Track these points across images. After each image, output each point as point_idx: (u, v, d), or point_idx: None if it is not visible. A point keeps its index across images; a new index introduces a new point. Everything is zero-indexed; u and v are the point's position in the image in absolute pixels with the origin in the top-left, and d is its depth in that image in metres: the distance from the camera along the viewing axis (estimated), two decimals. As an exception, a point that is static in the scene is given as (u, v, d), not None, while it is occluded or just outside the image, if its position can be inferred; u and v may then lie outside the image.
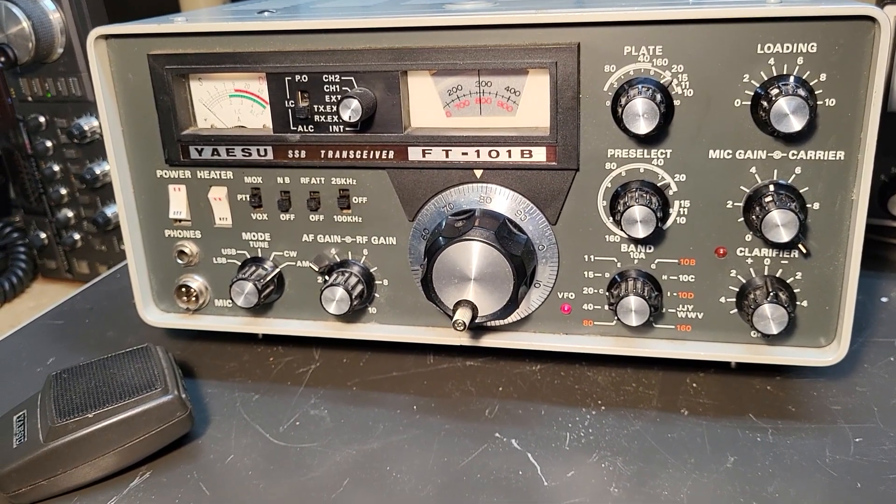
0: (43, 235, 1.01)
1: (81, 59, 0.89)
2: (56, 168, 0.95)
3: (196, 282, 0.68)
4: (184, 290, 0.68)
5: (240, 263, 0.66)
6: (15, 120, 0.95)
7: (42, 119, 0.93)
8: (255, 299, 0.64)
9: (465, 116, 0.60)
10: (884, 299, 0.74)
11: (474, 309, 0.58)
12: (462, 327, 0.57)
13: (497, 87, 0.58)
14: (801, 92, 0.51)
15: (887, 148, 0.81)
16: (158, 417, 0.55)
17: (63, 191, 0.96)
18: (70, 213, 0.97)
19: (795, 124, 0.51)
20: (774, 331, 0.56)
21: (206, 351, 0.71)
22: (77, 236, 0.98)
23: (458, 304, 0.58)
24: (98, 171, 0.92)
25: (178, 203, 0.66)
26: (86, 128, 0.91)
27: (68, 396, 0.56)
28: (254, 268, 0.65)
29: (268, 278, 0.65)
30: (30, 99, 0.93)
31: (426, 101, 0.60)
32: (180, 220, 0.67)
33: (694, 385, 0.62)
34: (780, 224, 0.53)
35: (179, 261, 0.67)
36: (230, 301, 0.65)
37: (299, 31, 0.59)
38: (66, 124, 0.92)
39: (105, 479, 0.55)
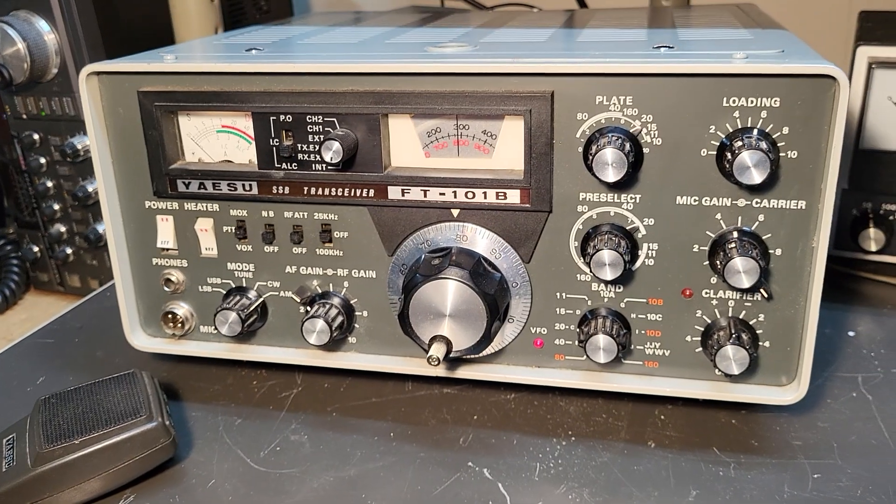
0: (36, 249, 1.03)
1: (75, 79, 0.90)
2: (49, 184, 0.97)
3: (182, 309, 0.70)
4: (170, 316, 0.69)
5: (224, 292, 0.68)
6: (10, 136, 0.97)
7: (36, 136, 0.95)
8: (239, 328, 0.66)
9: (444, 157, 0.61)
10: (851, 333, 0.75)
11: (449, 344, 0.60)
12: (436, 363, 0.59)
13: (474, 129, 0.60)
14: (763, 145, 0.53)
15: (858, 184, 0.83)
16: (143, 443, 0.57)
17: (56, 206, 0.98)
18: (62, 228, 0.99)
19: (756, 177, 0.53)
20: (735, 371, 0.58)
21: (191, 373, 0.72)
22: (69, 250, 1.00)
23: (433, 339, 0.60)
24: (90, 189, 0.94)
25: (165, 233, 0.67)
26: (78, 146, 0.92)
27: (56, 422, 0.58)
28: (238, 297, 0.67)
29: (251, 308, 0.67)
30: (24, 116, 0.94)
31: (406, 142, 0.61)
32: (167, 250, 0.68)
33: (662, 417, 0.64)
34: (742, 271, 0.55)
35: (166, 288, 0.69)
36: (215, 328, 0.67)
37: (284, 73, 0.61)
38: (59, 142, 0.94)
39: (91, 502, 0.57)
